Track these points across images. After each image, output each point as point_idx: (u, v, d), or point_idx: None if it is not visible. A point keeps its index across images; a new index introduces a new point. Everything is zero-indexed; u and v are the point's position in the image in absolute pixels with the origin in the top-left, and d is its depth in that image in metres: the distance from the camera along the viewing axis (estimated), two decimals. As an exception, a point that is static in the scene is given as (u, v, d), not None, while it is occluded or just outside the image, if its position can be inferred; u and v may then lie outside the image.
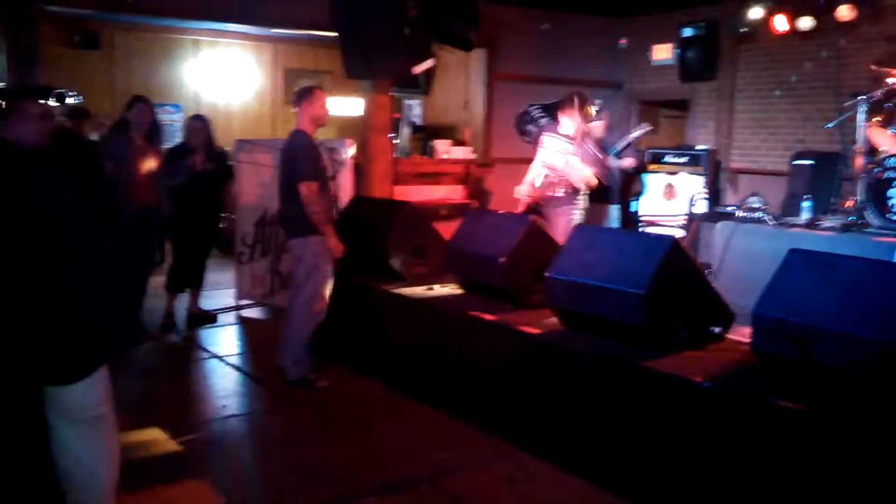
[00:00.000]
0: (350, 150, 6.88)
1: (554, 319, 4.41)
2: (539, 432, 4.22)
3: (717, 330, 4.04)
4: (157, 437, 4.50)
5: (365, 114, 7.27)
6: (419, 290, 5.43)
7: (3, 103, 3.67)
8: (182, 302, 7.08)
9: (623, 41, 9.97)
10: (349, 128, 10.60)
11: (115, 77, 11.66)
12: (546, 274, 4.25)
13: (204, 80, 12.42)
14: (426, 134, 11.28)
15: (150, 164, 6.34)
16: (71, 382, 1.19)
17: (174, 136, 9.74)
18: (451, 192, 7.89)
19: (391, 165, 7.25)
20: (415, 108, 12.39)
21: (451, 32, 6.81)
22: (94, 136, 7.86)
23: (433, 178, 7.71)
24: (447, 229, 5.75)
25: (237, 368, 5.95)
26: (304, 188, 5.17)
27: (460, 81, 10.02)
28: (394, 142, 11.79)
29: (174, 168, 6.66)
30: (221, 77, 12.48)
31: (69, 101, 9.38)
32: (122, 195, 6.07)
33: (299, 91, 5.59)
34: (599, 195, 6.70)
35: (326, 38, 7.98)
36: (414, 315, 5.23)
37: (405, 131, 11.81)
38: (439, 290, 5.43)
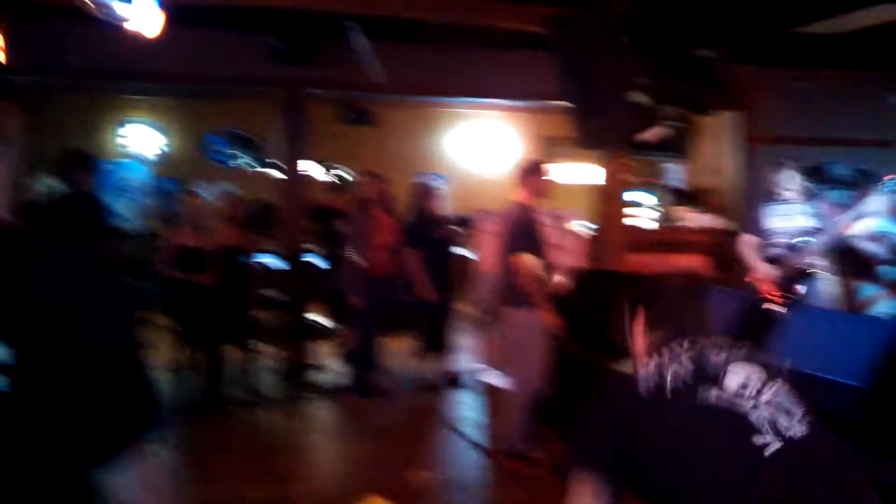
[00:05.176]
0: (579, 219, 6.82)
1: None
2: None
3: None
4: None
5: (600, 181, 7.18)
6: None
7: None
8: (433, 364, 7.37)
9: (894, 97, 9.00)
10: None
11: (384, 150, 12.58)
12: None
13: (464, 150, 13.04)
14: (685, 199, 10.88)
15: (386, 235, 6.72)
16: (104, 463, 1.23)
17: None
18: (695, 263, 7.49)
19: (626, 233, 7.06)
20: (676, 172, 12.04)
21: (687, 96, 6.55)
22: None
23: (674, 247, 7.39)
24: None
25: (462, 435, 6.03)
26: (519, 260, 5.20)
27: (721, 143, 9.59)
28: (650, 208, 11.54)
29: (417, 236, 7.04)
30: (481, 147, 13.02)
31: (340, 174, 10.29)
32: (357, 266, 6.52)
33: (524, 165, 5.69)
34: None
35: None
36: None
37: (664, 197, 11.49)
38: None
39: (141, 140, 12.05)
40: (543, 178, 5.51)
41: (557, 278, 6.35)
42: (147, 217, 11.32)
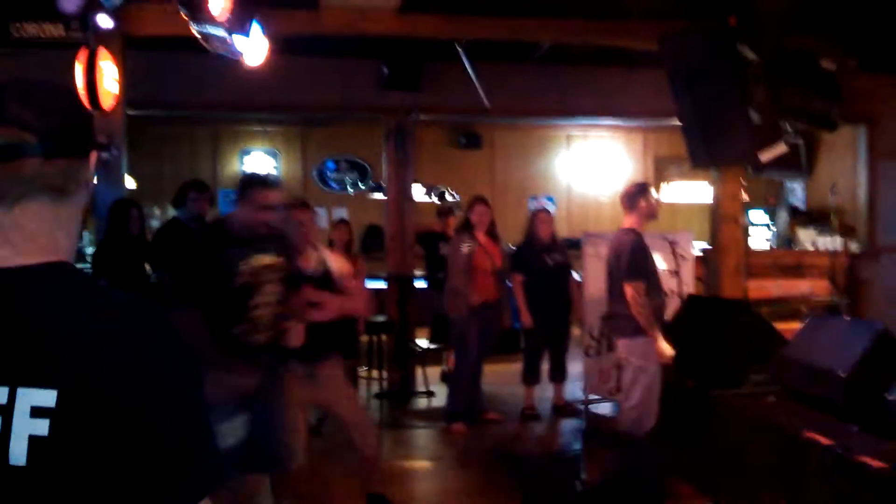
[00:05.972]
0: (693, 242, 6.54)
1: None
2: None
3: None
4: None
5: (713, 203, 6.89)
6: (757, 407, 4.89)
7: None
8: (541, 391, 7.22)
9: None
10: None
11: (495, 172, 12.54)
12: (887, 396, 3.57)
13: (576, 172, 12.83)
14: (807, 219, 10.35)
15: (492, 260, 6.63)
16: None
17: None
18: (816, 288, 7.06)
19: (743, 258, 6.73)
20: (796, 190, 11.49)
21: (809, 111, 6.21)
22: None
23: (795, 271, 6.99)
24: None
25: (565, 465, 5.85)
26: (630, 288, 5.03)
27: (845, 159, 9.10)
28: (770, 229, 11.04)
29: (525, 261, 6.94)
30: (592, 168, 12.79)
31: (448, 198, 10.30)
32: (460, 291, 6.45)
33: (631, 188, 5.51)
34: None
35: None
36: (744, 429, 4.72)
37: (783, 217, 10.98)
38: (777, 401, 4.84)
39: (259, 167, 12.43)
40: (652, 200, 5.30)
41: (670, 306, 6.10)
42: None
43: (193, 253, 4.04)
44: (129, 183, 7.25)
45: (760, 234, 11.33)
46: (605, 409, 7.34)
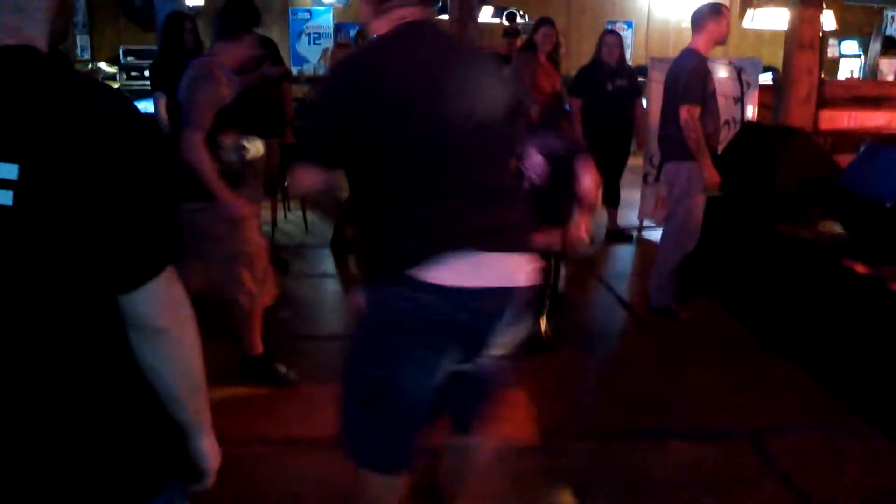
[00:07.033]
0: (761, 70, 6.26)
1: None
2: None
3: None
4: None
5: (789, 27, 6.50)
6: (800, 231, 4.84)
7: None
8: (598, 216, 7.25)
9: None
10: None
11: (569, -6, 12.01)
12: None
13: (657, -4, 12.20)
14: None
15: (551, 83, 6.51)
16: (129, 290, 1.26)
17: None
18: (892, 121, 6.72)
19: (816, 87, 6.41)
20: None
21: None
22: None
23: (872, 103, 6.63)
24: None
25: (611, 290, 5.96)
26: (684, 111, 4.89)
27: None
28: (860, 60, 10.44)
29: (585, 85, 6.81)
30: (675, -9, 12.12)
31: (519, 20, 9.98)
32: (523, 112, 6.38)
33: (701, 9, 5.23)
34: None
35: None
36: (785, 257, 4.70)
37: (874, 47, 10.34)
38: (823, 231, 4.78)
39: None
40: (722, 23, 5.02)
41: (730, 134, 5.94)
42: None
43: None
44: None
45: (849, 66, 10.75)
46: (658, 235, 7.35)
